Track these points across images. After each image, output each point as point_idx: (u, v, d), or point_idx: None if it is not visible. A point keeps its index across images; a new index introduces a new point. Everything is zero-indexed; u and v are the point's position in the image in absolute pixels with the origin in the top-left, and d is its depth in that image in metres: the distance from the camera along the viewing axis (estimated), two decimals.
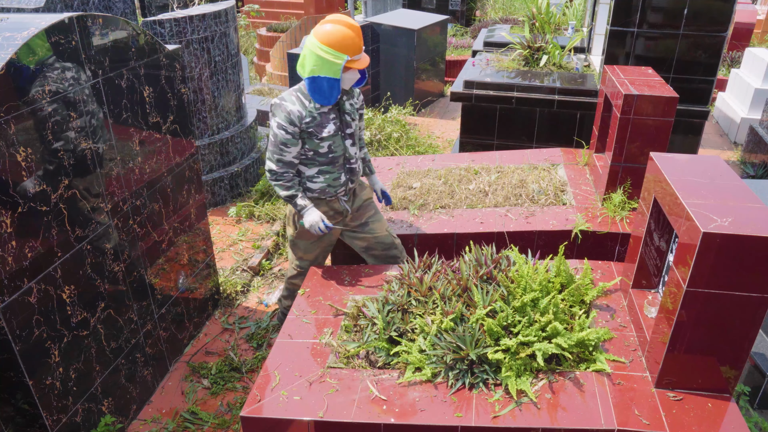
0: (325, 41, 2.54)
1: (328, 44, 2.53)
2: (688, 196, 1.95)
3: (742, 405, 2.63)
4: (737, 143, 6.58)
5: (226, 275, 3.97)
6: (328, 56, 2.54)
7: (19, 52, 1.99)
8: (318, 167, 2.76)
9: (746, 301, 1.84)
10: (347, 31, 2.56)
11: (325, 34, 2.55)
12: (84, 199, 2.38)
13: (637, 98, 3.02)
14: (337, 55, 2.54)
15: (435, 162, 4.10)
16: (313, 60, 2.57)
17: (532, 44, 5.32)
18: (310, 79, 2.60)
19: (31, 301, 2.13)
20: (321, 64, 2.56)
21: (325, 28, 2.56)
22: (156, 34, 4.30)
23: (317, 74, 2.57)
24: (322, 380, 2.17)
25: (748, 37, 8.77)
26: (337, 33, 2.54)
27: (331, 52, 2.54)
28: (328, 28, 2.56)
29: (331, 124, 2.70)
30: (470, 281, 2.36)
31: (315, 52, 2.56)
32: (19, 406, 2.22)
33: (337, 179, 2.80)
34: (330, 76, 2.57)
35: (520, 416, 1.97)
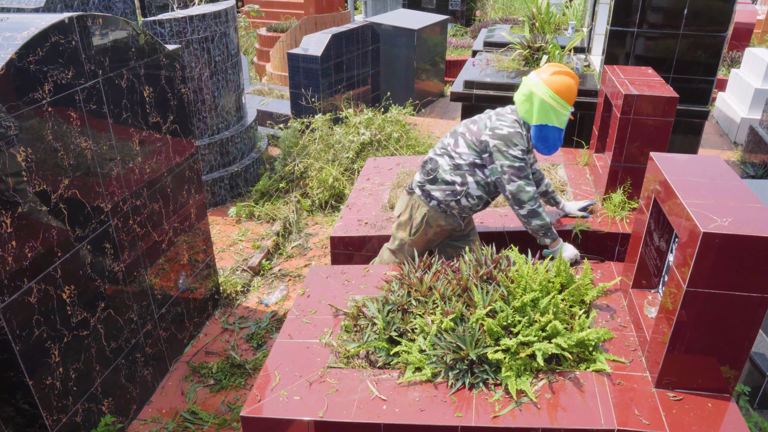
0: (558, 91, 2.60)
1: (560, 94, 2.60)
2: (688, 196, 1.95)
3: (742, 405, 2.63)
4: (737, 143, 6.58)
5: (226, 275, 3.97)
6: (558, 106, 2.62)
7: (19, 52, 1.99)
8: (483, 193, 2.78)
9: (746, 301, 1.83)
10: (573, 83, 2.65)
11: (557, 84, 2.61)
12: (84, 199, 2.38)
13: (637, 98, 3.02)
14: (565, 106, 2.63)
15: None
16: (543, 108, 2.62)
17: (532, 44, 5.32)
18: (538, 127, 2.66)
19: (31, 301, 2.13)
20: (552, 113, 2.62)
21: (556, 79, 2.62)
22: (156, 34, 4.30)
23: (545, 122, 2.63)
24: (322, 380, 2.17)
25: (748, 37, 8.77)
26: (567, 84, 2.62)
27: (562, 102, 2.62)
28: (558, 79, 2.62)
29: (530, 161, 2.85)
30: (470, 281, 2.36)
31: (545, 99, 2.61)
32: (19, 406, 2.22)
33: (477, 206, 2.84)
34: (557, 126, 2.65)
35: (520, 416, 1.97)
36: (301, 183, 5.18)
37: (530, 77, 2.68)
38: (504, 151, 2.63)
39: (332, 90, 6.24)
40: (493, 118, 2.72)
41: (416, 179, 2.88)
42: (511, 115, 2.70)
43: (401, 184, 3.77)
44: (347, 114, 5.61)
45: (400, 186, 3.75)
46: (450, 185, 2.76)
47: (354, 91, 6.65)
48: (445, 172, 2.76)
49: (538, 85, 2.63)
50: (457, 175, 2.74)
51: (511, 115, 2.71)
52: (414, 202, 2.86)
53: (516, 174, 2.62)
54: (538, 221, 2.67)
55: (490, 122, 2.71)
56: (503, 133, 2.64)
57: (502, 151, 2.63)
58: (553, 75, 2.63)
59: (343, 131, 5.35)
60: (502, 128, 2.65)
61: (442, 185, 2.77)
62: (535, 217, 2.67)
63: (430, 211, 2.82)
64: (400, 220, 2.94)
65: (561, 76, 2.63)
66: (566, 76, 2.63)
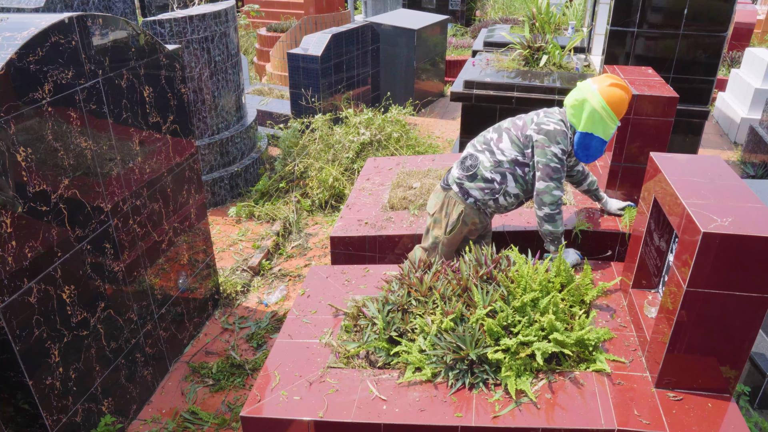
0: (609, 102, 2.58)
1: (613, 107, 2.58)
2: (688, 196, 1.95)
3: (742, 405, 2.63)
4: (737, 143, 6.58)
5: (226, 275, 3.97)
6: (607, 118, 2.60)
7: (19, 52, 1.99)
8: (520, 192, 2.74)
9: (746, 301, 1.83)
10: (627, 98, 2.63)
11: (611, 96, 2.59)
12: (84, 199, 2.38)
13: (637, 98, 3.02)
14: (614, 119, 2.61)
15: (435, 162, 4.10)
16: (592, 117, 2.60)
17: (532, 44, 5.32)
18: (583, 134, 2.64)
19: (31, 301, 2.13)
20: (599, 124, 2.61)
21: (612, 91, 2.59)
22: (156, 34, 4.30)
23: (591, 131, 2.62)
24: (322, 380, 2.17)
25: (748, 37, 8.77)
26: (621, 98, 2.60)
27: (612, 115, 2.60)
28: (614, 91, 2.59)
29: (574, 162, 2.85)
30: (470, 281, 2.36)
31: (596, 108, 2.59)
32: (19, 406, 2.22)
33: (513, 204, 2.80)
34: (602, 137, 2.62)
35: (520, 416, 1.97)
36: (301, 183, 5.18)
37: (587, 83, 2.65)
38: (545, 148, 2.60)
39: (332, 90, 6.24)
40: (540, 115, 2.70)
41: (454, 175, 2.82)
42: (557, 115, 2.68)
43: (401, 184, 3.77)
44: (347, 114, 5.61)
45: (400, 186, 3.75)
46: (489, 183, 2.70)
47: (354, 91, 6.65)
48: (486, 169, 2.70)
49: (593, 93, 2.60)
50: (497, 173, 2.69)
51: (558, 115, 2.69)
52: (449, 200, 2.81)
53: (549, 174, 2.59)
54: (550, 227, 2.65)
55: (537, 118, 2.68)
56: (549, 128, 2.61)
57: (544, 147, 2.60)
58: (610, 87, 2.60)
59: (343, 131, 5.35)
60: (549, 124, 2.62)
61: (481, 183, 2.71)
62: (549, 222, 2.64)
63: (467, 208, 2.77)
64: (435, 217, 2.87)
65: (617, 89, 2.60)
66: (622, 91, 2.61)
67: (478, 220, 2.81)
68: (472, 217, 2.79)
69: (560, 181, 2.61)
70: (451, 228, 2.82)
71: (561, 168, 2.60)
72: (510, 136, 2.70)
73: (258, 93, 7.51)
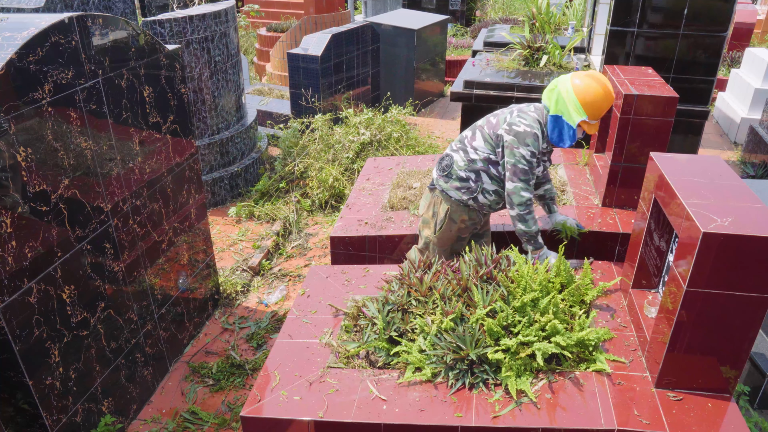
0: (579, 95, 2.58)
1: (581, 99, 2.58)
2: (688, 196, 1.95)
3: (742, 405, 2.63)
4: (737, 143, 6.58)
5: (226, 275, 3.97)
6: (572, 107, 2.59)
7: (19, 52, 1.99)
8: (498, 188, 2.73)
9: (746, 301, 1.83)
10: (604, 98, 2.59)
11: (584, 88, 2.58)
12: (84, 199, 2.38)
13: (637, 98, 3.02)
14: (580, 111, 2.58)
15: (435, 162, 4.10)
16: (558, 101, 2.62)
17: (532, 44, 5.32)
18: (552, 117, 2.64)
19: (31, 301, 2.13)
20: (563, 108, 2.61)
21: (584, 82, 2.59)
22: (156, 34, 4.30)
23: (560, 114, 2.62)
24: (322, 380, 2.17)
25: (748, 37, 8.77)
26: (593, 93, 2.57)
27: (578, 106, 2.58)
28: (591, 84, 2.58)
29: (542, 166, 2.77)
30: (470, 281, 2.36)
31: (564, 96, 2.61)
32: (19, 406, 2.22)
33: (499, 204, 2.80)
34: (570, 124, 2.61)
35: (520, 416, 1.97)
36: (301, 183, 5.18)
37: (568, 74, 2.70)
38: (514, 149, 2.60)
39: (332, 90, 6.24)
40: (514, 113, 2.68)
41: (434, 176, 2.86)
42: (533, 114, 2.66)
43: (401, 184, 3.77)
44: (347, 114, 5.61)
45: (400, 186, 3.75)
46: (465, 182, 2.72)
47: (354, 91, 6.64)
48: (460, 169, 2.72)
49: (565, 79, 2.63)
50: (471, 172, 2.70)
51: (533, 113, 2.66)
52: (436, 199, 2.83)
53: (517, 174, 2.60)
54: (523, 227, 2.65)
55: (510, 117, 2.67)
56: (519, 130, 2.60)
57: (513, 148, 2.60)
58: (584, 77, 2.60)
59: (343, 131, 5.35)
60: (520, 125, 2.61)
61: (457, 182, 2.73)
62: (521, 222, 2.65)
63: (453, 205, 2.78)
64: (424, 217, 2.91)
65: (590, 81, 2.58)
66: (596, 84, 2.58)
67: (467, 217, 2.80)
68: (459, 213, 2.79)
69: (528, 182, 2.61)
70: (439, 227, 2.83)
71: (529, 170, 2.60)
72: (483, 134, 2.71)
73: (258, 93, 7.51)
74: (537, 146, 2.61)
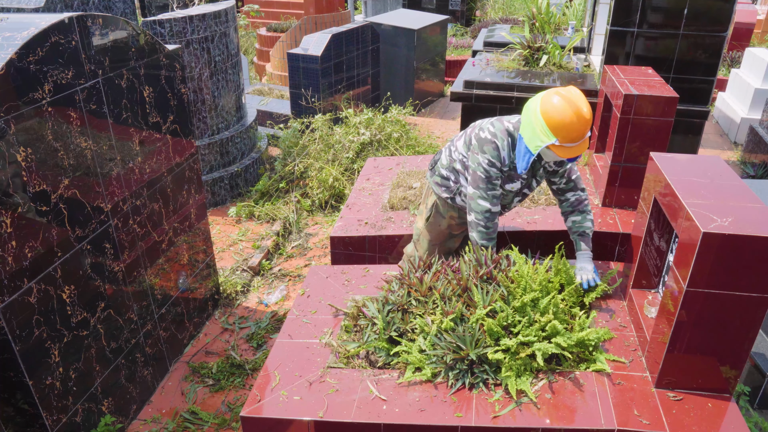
0: (545, 115, 2.26)
1: (546, 120, 2.26)
2: (688, 196, 1.95)
3: (742, 405, 2.63)
4: (737, 143, 6.58)
5: (226, 275, 3.97)
6: (538, 129, 2.28)
7: (19, 52, 1.99)
8: None
9: (746, 301, 1.83)
10: (573, 117, 2.23)
11: (550, 107, 2.26)
12: (84, 199, 2.38)
13: (637, 98, 3.02)
14: (547, 133, 2.26)
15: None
16: (527, 123, 2.34)
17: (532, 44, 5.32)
18: (519, 134, 2.39)
19: (31, 301, 2.13)
20: (530, 131, 2.31)
21: (553, 101, 2.27)
22: (156, 34, 4.30)
23: (522, 135, 2.36)
24: (322, 380, 2.17)
25: (748, 37, 8.77)
26: (560, 113, 2.24)
27: (544, 128, 2.26)
28: (556, 103, 2.26)
29: (518, 182, 2.55)
30: (470, 281, 2.36)
31: (530, 117, 2.32)
32: (19, 406, 2.22)
33: None
34: (529, 148, 2.32)
35: (520, 416, 1.97)
36: (301, 183, 5.18)
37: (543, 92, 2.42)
38: (474, 154, 2.49)
39: (332, 90, 6.24)
40: (489, 120, 2.55)
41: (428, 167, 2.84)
42: (506, 124, 2.47)
43: (401, 184, 3.77)
44: (347, 114, 5.61)
45: (400, 186, 3.75)
46: (445, 180, 2.68)
47: (354, 91, 6.64)
48: (442, 167, 2.69)
49: (537, 98, 2.35)
50: (451, 172, 2.66)
51: (509, 124, 2.47)
52: (428, 190, 2.80)
53: (474, 180, 2.49)
54: (475, 236, 2.55)
55: (483, 123, 2.55)
56: (481, 136, 2.48)
57: (474, 153, 2.49)
58: (556, 95, 2.28)
59: (343, 131, 5.35)
60: (485, 131, 2.48)
61: (438, 178, 2.70)
62: (473, 230, 2.55)
63: (440, 199, 2.75)
64: (420, 207, 2.89)
65: (561, 102, 2.25)
66: (567, 105, 2.24)
67: (456, 214, 2.77)
68: (447, 209, 2.74)
69: (486, 192, 2.47)
70: (427, 217, 2.80)
71: (486, 179, 2.45)
72: (466, 136, 2.62)
73: (258, 93, 7.51)
74: (496, 156, 2.43)
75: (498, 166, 2.45)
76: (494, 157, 2.44)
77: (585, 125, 2.25)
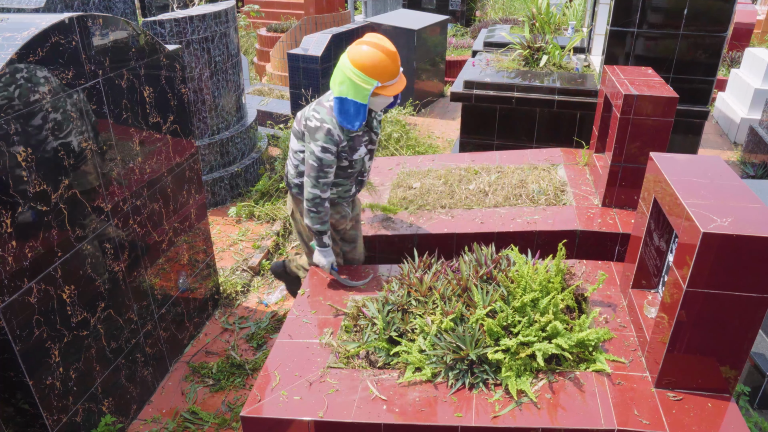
0: (357, 64, 2.44)
1: (360, 68, 2.43)
2: (688, 196, 1.95)
3: (742, 405, 2.63)
4: (737, 143, 6.58)
5: (226, 275, 3.97)
6: (357, 80, 2.45)
7: (20, 52, 1.99)
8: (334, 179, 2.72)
9: (746, 301, 1.84)
10: (381, 55, 2.43)
11: (358, 55, 2.44)
12: (84, 199, 2.38)
13: (637, 98, 3.02)
14: (366, 80, 2.44)
15: (435, 162, 4.10)
16: (344, 81, 2.48)
17: (532, 44, 5.32)
18: (338, 99, 2.51)
19: (31, 301, 2.14)
20: (350, 86, 2.47)
21: (359, 50, 2.46)
22: (156, 34, 4.30)
23: (345, 96, 2.49)
24: (322, 380, 2.17)
25: (748, 37, 8.77)
26: (370, 56, 2.43)
27: (362, 76, 2.44)
28: (363, 49, 2.45)
29: (363, 147, 2.68)
30: (470, 281, 2.36)
31: (346, 73, 2.47)
32: (19, 406, 2.22)
33: (348, 191, 2.81)
34: (357, 100, 2.48)
35: (520, 416, 1.97)
36: None
37: None
38: (307, 144, 2.61)
39: None
40: (311, 107, 2.64)
41: None
42: (326, 105, 2.59)
43: (401, 184, 3.77)
44: None
45: (400, 186, 3.75)
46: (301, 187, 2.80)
47: None
48: (293, 177, 2.82)
49: (344, 58, 2.50)
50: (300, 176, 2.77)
51: (327, 104, 2.59)
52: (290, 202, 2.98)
53: (308, 170, 2.61)
54: (308, 221, 2.70)
55: (307, 111, 2.64)
56: (311, 125, 2.58)
57: (308, 143, 2.60)
58: (357, 45, 2.47)
59: None
60: (312, 120, 2.58)
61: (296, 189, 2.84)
62: (306, 216, 2.70)
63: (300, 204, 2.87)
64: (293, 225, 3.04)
65: (365, 45, 2.46)
66: (372, 48, 2.44)
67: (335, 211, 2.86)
68: None
69: (318, 180, 2.59)
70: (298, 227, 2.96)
71: (318, 167, 2.56)
72: (294, 134, 2.74)
73: (258, 93, 7.52)
74: (330, 139, 2.54)
75: (334, 149, 2.57)
76: (328, 141, 2.55)
77: (396, 60, 2.48)
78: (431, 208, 3.44)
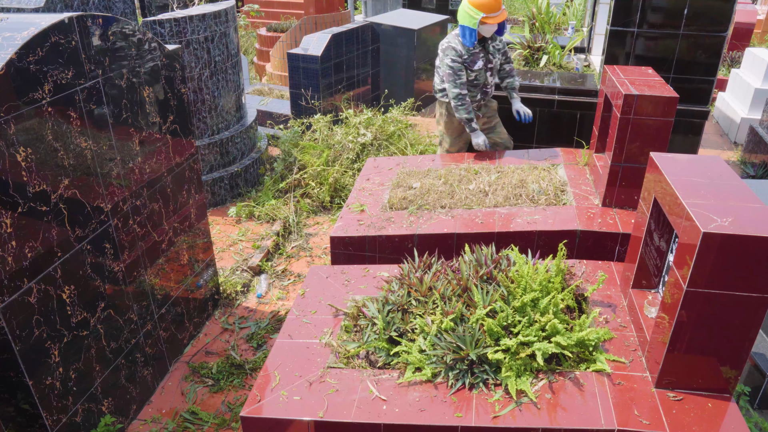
0: (470, 1, 3.71)
1: (472, 3, 3.71)
2: (688, 196, 1.95)
3: (742, 405, 2.63)
4: (737, 143, 6.58)
5: (226, 275, 3.97)
6: (470, 11, 3.72)
7: (19, 52, 1.99)
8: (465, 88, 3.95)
9: (746, 301, 1.83)
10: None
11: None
12: (84, 199, 2.38)
13: (637, 98, 3.02)
14: (475, 12, 3.71)
15: (435, 162, 4.10)
16: (460, 15, 3.79)
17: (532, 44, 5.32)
18: (460, 26, 3.79)
19: (31, 301, 2.13)
20: (465, 16, 3.76)
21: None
22: (156, 34, 4.30)
23: (462, 23, 3.77)
24: (322, 380, 2.17)
25: (748, 37, 8.77)
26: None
27: (472, 9, 3.71)
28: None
29: (480, 61, 3.93)
30: (470, 281, 2.36)
31: (463, 7, 3.76)
32: (19, 406, 2.22)
33: (474, 96, 4.06)
34: (469, 26, 3.75)
35: (520, 416, 1.97)
36: (302, 183, 5.17)
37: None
38: (442, 59, 3.93)
39: (332, 90, 6.23)
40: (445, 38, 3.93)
41: None
42: (453, 33, 3.89)
43: (401, 184, 3.77)
44: (347, 114, 5.61)
45: (400, 186, 3.75)
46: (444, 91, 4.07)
47: (354, 91, 6.64)
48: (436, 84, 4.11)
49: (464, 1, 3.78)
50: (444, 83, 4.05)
51: (453, 33, 3.89)
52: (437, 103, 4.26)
53: (446, 76, 3.91)
54: (458, 114, 3.95)
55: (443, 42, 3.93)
56: (443, 47, 3.91)
57: (441, 58, 3.93)
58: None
59: (344, 132, 5.35)
60: (443, 43, 3.92)
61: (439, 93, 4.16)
62: (456, 110, 3.94)
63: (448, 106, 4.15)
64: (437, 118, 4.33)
65: None
66: None
67: None
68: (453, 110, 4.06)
69: (455, 82, 3.86)
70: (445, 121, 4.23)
71: (452, 73, 3.87)
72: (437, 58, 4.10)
73: (258, 93, 7.51)
74: (455, 53, 3.84)
75: (459, 60, 3.87)
76: (454, 54, 3.86)
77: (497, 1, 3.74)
78: (431, 207, 3.44)
